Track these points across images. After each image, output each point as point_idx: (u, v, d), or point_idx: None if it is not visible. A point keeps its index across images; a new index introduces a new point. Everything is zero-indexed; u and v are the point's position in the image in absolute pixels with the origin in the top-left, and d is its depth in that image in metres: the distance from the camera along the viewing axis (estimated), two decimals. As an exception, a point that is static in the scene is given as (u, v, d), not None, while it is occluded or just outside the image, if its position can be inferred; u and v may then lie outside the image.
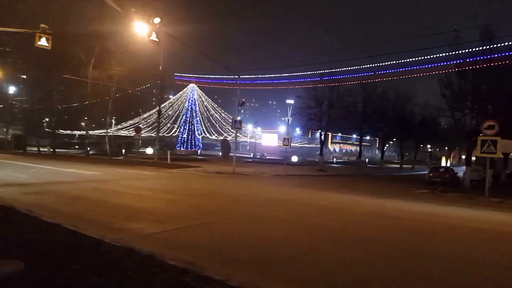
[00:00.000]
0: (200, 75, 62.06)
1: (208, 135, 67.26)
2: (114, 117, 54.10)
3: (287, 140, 27.10)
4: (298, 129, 63.31)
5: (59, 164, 23.98)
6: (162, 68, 31.69)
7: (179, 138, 62.30)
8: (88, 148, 42.51)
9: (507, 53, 22.68)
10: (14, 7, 31.37)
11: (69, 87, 42.57)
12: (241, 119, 28.84)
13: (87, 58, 36.85)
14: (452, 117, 26.85)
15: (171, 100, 66.42)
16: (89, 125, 45.50)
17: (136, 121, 58.89)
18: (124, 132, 60.42)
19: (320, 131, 42.26)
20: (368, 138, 76.52)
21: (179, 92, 65.40)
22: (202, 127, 65.51)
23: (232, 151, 42.15)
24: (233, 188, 16.35)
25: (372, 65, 34.77)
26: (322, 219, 9.66)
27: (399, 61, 30.37)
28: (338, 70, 35.14)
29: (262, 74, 44.55)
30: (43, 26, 17.01)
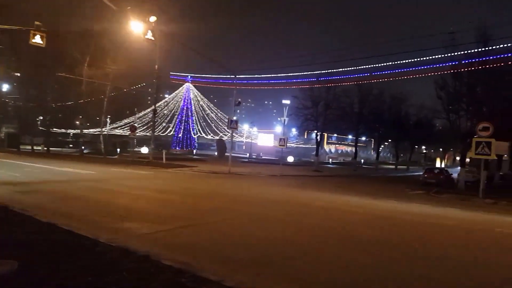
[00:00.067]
0: (196, 75, 61.99)
1: (204, 135, 67.08)
2: (109, 116, 53.79)
3: (283, 140, 27.12)
4: (294, 129, 63.34)
5: (54, 163, 23.79)
6: (158, 67, 31.54)
7: (175, 138, 62.09)
8: (83, 147, 42.26)
9: (502, 55, 22.84)
10: (8, 4, 31.08)
11: (63, 85, 42.28)
12: (237, 119, 28.80)
13: (82, 56, 36.62)
14: (447, 118, 27.02)
15: (167, 99, 66.12)
16: (83, 123, 45.29)
17: (131, 120, 58.48)
18: (119, 131, 60.04)
19: (316, 131, 42.36)
20: (363, 139, 76.87)
21: (175, 91, 65.15)
22: (198, 127, 65.33)
23: (228, 151, 42.10)
24: (229, 188, 16.30)
25: (368, 66, 34.82)
26: (319, 219, 9.64)
27: (395, 62, 30.40)
28: (335, 71, 35.14)
29: (258, 74, 44.48)
30: (37, 23, 16.87)
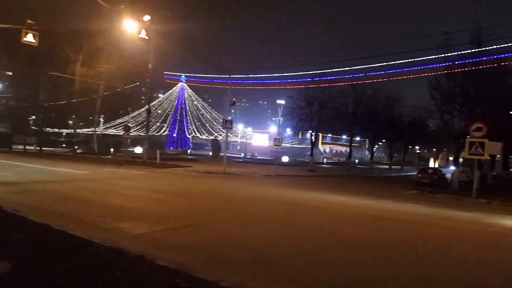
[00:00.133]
0: (191, 74, 61.75)
1: (199, 135, 66.83)
2: (103, 115, 53.45)
3: (278, 140, 27.13)
4: (289, 129, 63.41)
5: (46, 163, 23.55)
6: (152, 66, 31.37)
7: (169, 138, 61.77)
8: (76, 147, 41.95)
9: (495, 56, 23.04)
10: (-1, 2, 30.74)
11: (56, 84, 41.94)
12: (231, 118, 28.73)
13: (75, 55, 36.33)
14: (441, 119, 27.25)
15: (161, 99, 65.75)
16: (76, 123, 44.90)
17: (125, 119, 58.08)
18: (113, 131, 59.51)
19: (310, 131, 42.46)
20: (358, 139, 77.16)
21: (169, 91, 64.83)
22: (192, 127, 65.05)
23: (222, 151, 42.00)
24: (224, 188, 16.23)
25: (363, 66, 35.00)
26: (318, 220, 9.61)
27: (389, 63, 30.55)
28: (330, 71, 35.25)
29: (253, 74, 44.49)
30: (29, 21, 16.61)
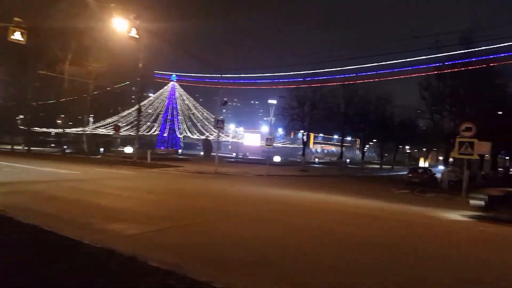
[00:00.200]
0: (182, 73, 61.35)
1: (190, 134, 66.40)
2: (92, 115, 52.82)
3: (270, 140, 27.09)
4: (281, 129, 63.46)
5: (35, 163, 23.13)
6: (142, 65, 31.05)
7: (160, 137, 61.28)
8: (65, 147, 41.29)
9: (484, 57, 23.33)
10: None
11: (44, 83, 41.27)
12: (223, 118, 28.60)
13: (64, 53, 35.79)
14: (431, 119, 27.55)
15: (151, 98, 65.19)
16: (65, 122, 44.24)
17: (115, 119, 57.38)
18: (103, 131, 58.79)
19: (302, 131, 42.54)
20: (349, 139, 77.56)
21: (160, 90, 64.33)
22: (184, 126, 64.64)
23: (214, 150, 41.83)
24: (215, 189, 16.12)
25: (355, 66, 35.09)
26: (315, 220, 9.60)
27: (381, 63, 30.69)
28: (321, 71, 35.28)
29: (245, 73, 44.41)
30: (17, 19, 16.27)
